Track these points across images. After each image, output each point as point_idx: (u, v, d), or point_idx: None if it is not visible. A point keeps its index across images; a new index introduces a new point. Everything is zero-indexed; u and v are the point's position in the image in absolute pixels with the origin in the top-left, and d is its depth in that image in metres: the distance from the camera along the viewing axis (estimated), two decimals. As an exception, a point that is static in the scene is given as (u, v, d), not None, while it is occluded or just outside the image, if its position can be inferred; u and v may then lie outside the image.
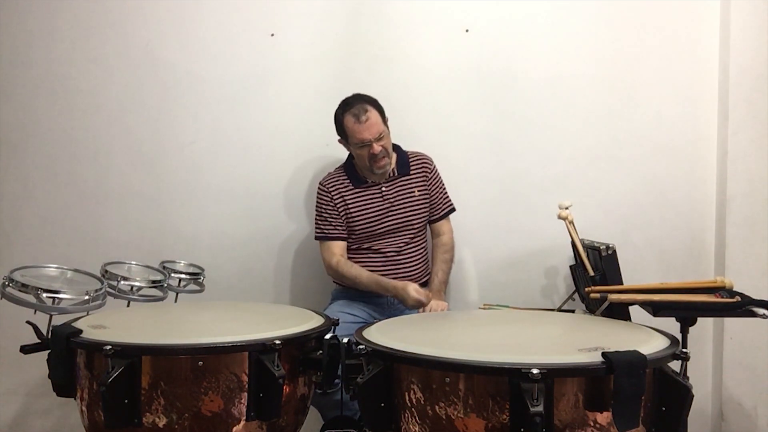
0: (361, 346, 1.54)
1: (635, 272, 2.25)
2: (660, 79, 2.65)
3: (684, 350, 1.49)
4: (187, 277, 2.35)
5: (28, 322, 1.81)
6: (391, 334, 1.66)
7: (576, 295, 2.36)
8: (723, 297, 1.80)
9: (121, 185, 2.76)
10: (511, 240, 2.70)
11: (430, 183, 2.52)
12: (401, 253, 2.47)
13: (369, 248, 2.47)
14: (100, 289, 1.89)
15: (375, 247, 2.47)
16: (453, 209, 2.59)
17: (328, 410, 2.19)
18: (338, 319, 1.93)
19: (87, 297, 1.82)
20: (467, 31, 2.70)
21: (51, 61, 2.75)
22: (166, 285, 2.23)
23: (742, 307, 1.77)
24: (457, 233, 2.60)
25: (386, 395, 1.50)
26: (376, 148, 2.34)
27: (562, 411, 1.36)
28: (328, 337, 1.71)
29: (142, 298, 2.15)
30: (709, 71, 2.63)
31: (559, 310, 2.35)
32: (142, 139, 2.76)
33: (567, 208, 2.15)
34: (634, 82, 2.67)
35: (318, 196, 2.49)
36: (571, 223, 2.15)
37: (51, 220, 2.75)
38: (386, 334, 1.64)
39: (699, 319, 1.85)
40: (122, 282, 2.08)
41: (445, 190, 2.58)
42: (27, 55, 2.75)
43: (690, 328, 1.84)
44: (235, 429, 1.63)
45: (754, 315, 1.76)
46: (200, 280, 2.40)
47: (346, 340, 1.64)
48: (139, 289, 2.13)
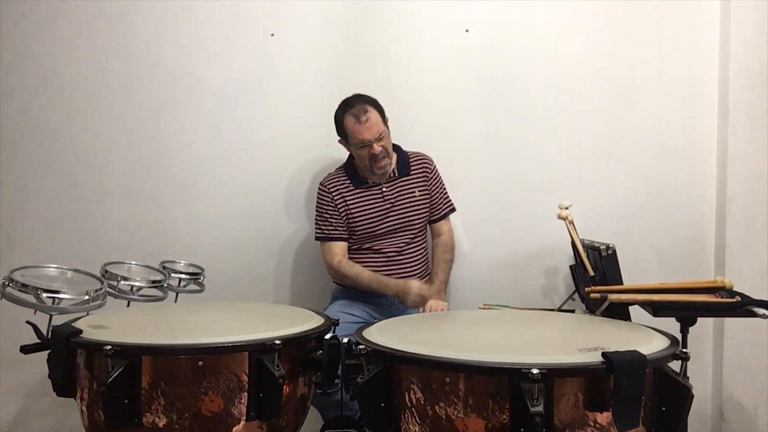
0: (361, 346, 1.54)
1: (635, 272, 2.24)
2: (660, 79, 2.65)
3: (684, 350, 1.49)
4: (187, 277, 2.35)
5: (28, 322, 1.81)
6: (391, 334, 1.66)
7: (576, 295, 2.36)
8: (723, 297, 1.80)
9: (121, 185, 2.76)
10: (511, 240, 2.70)
11: (430, 183, 2.52)
12: (402, 253, 2.48)
13: (369, 248, 2.47)
14: (100, 289, 1.89)
15: (376, 247, 2.47)
16: (453, 209, 2.59)
17: (328, 410, 2.19)
18: (338, 319, 1.93)
19: (87, 297, 1.82)
20: (467, 31, 2.70)
21: (51, 61, 2.75)
22: (166, 285, 2.23)
23: (742, 307, 1.77)
24: (458, 233, 2.61)
25: (386, 395, 1.50)
26: (376, 149, 2.34)
27: (562, 411, 1.36)
28: (328, 337, 1.71)
29: (142, 298, 2.14)
30: (709, 71, 2.63)
31: (559, 310, 2.35)
32: (142, 139, 2.76)
33: (567, 208, 2.15)
34: (634, 82, 2.67)
35: (318, 197, 2.49)
36: (571, 223, 2.15)
37: (51, 220, 2.75)
38: (386, 334, 1.64)
39: (699, 319, 1.85)
40: (122, 282, 2.08)
41: (445, 190, 2.58)
42: (27, 55, 2.75)
43: (690, 328, 1.84)
44: (235, 429, 1.62)
45: (754, 315, 1.76)
46: (200, 280, 2.39)
47: (346, 340, 1.63)
48: (139, 289, 2.13)
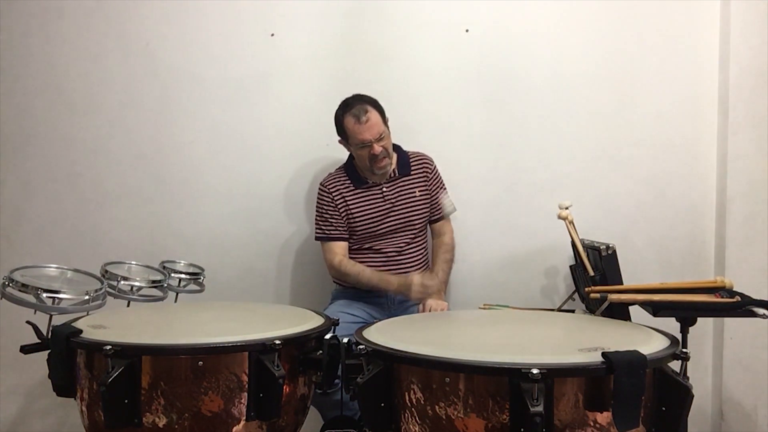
0: (361, 346, 1.53)
1: (635, 272, 2.25)
2: (660, 79, 2.66)
3: (684, 350, 1.49)
4: (187, 277, 2.35)
5: (28, 322, 1.81)
6: (391, 334, 1.66)
7: (576, 295, 2.36)
8: (723, 297, 1.80)
9: (121, 185, 2.76)
10: (511, 240, 2.70)
11: (430, 183, 2.52)
12: (402, 253, 2.48)
13: (370, 248, 2.47)
14: (100, 289, 1.89)
15: (376, 247, 2.47)
16: (453, 209, 2.58)
17: (328, 410, 2.19)
18: (338, 319, 1.93)
19: (87, 297, 1.82)
20: (467, 31, 2.70)
21: (51, 61, 2.75)
22: (166, 285, 2.23)
23: (742, 307, 1.77)
24: (458, 233, 2.60)
25: (386, 395, 1.50)
26: (376, 149, 2.34)
27: (562, 411, 1.36)
28: (328, 337, 1.71)
29: (142, 298, 2.14)
30: (709, 71, 2.64)
31: (559, 310, 2.35)
32: (142, 139, 2.76)
33: (567, 208, 2.15)
34: (634, 81, 2.67)
35: (319, 197, 2.49)
36: (571, 223, 2.15)
37: (51, 220, 2.75)
38: (386, 334, 1.64)
39: (699, 319, 1.85)
40: (122, 282, 2.08)
41: (445, 190, 2.58)
42: (27, 56, 2.75)
43: (690, 328, 1.84)
44: (235, 429, 1.62)
45: (754, 315, 1.76)
46: (200, 280, 2.40)
47: (346, 340, 1.63)
48: (139, 289, 2.13)
